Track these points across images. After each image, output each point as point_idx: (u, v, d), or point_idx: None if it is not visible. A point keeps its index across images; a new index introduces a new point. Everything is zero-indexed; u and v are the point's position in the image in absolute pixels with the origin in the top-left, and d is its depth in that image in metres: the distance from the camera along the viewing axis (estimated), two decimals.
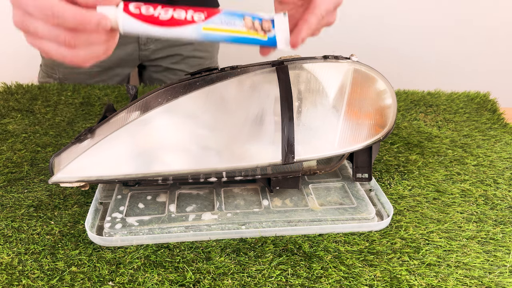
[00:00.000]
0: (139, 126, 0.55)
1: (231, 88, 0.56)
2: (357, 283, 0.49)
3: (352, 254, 0.53)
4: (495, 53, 1.59)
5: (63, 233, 0.56)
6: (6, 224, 0.57)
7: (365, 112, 0.59)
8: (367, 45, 1.57)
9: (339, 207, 0.60)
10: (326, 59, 0.58)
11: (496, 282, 0.49)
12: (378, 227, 0.57)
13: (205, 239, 0.55)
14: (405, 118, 0.89)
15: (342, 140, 0.57)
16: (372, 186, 0.66)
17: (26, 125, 0.82)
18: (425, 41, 1.58)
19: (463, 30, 1.56)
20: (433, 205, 0.62)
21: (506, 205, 0.62)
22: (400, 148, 0.78)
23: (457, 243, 0.55)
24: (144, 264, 0.51)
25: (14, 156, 0.72)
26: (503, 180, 0.68)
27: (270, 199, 0.62)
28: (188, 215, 0.58)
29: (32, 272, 0.50)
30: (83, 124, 0.83)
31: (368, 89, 0.59)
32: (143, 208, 0.60)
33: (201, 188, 0.65)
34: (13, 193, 0.63)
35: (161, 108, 0.55)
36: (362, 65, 0.58)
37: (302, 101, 0.57)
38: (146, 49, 1.02)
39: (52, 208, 0.60)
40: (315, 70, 0.57)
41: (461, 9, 1.52)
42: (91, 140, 0.56)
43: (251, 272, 0.50)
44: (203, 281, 0.49)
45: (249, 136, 0.56)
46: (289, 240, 0.55)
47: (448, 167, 0.72)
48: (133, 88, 0.71)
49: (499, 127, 0.85)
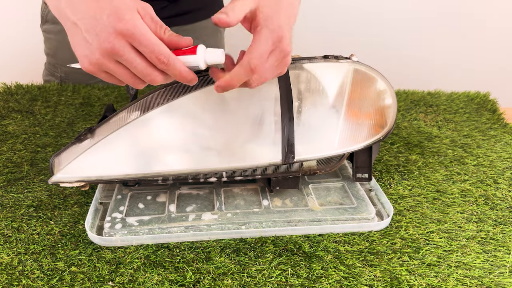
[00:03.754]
0: (139, 126, 0.55)
1: None
2: (357, 283, 0.49)
3: (352, 254, 0.53)
4: (495, 53, 1.59)
5: (63, 233, 0.56)
6: (6, 224, 0.57)
7: (365, 112, 0.59)
8: (367, 45, 1.57)
9: (339, 207, 0.60)
10: (326, 59, 0.58)
11: (496, 282, 0.49)
12: (378, 227, 0.57)
13: (205, 239, 0.55)
14: (405, 118, 0.89)
15: (342, 140, 0.57)
16: (372, 186, 0.66)
17: (26, 126, 0.82)
18: (425, 41, 1.58)
19: (463, 30, 1.56)
20: (433, 205, 0.62)
21: (506, 205, 0.62)
22: (400, 148, 0.77)
23: (457, 243, 0.55)
24: (144, 264, 0.51)
25: (14, 156, 0.72)
26: (503, 180, 0.68)
27: (270, 199, 0.62)
28: (188, 215, 0.58)
29: (32, 272, 0.50)
30: (83, 125, 0.83)
31: (368, 89, 0.59)
32: (143, 208, 0.60)
33: (201, 188, 0.64)
34: (13, 193, 0.63)
35: (161, 108, 0.55)
36: (362, 65, 0.58)
37: (302, 101, 0.57)
38: None
39: (52, 208, 0.60)
40: (315, 70, 0.57)
41: (461, 9, 1.52)
42: (91, 140, 0.56)
43: (251, 272, 0.50)
44: (203, 281, 0.49)
45: (249, 136, 0.56)
46: (289, 240, 0.55)
47: (448, 167, 0.72)
48: (133, 88, 0.71)
49: (499, 127, 0.85)
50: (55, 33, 0.97)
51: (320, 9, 1.51)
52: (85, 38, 0.44)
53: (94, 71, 0.46)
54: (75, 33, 0.45)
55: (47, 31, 0.99)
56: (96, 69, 0.45)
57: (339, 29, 1.55)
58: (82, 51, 0.45)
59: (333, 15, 1.53)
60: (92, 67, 0.45)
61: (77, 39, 0.45)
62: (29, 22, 1.17)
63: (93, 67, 0.45)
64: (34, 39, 1.09)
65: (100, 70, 0.46)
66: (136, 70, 0.45)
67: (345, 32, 1.55)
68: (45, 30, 1.00)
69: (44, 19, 0.99)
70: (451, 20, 1.54)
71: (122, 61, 0.44)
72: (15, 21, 1.46)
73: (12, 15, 1.46)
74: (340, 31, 1.55)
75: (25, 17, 1.28)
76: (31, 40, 1.19)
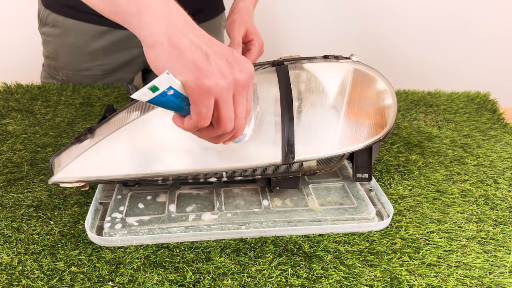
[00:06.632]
0: (139, 126, 0.55)
1: None
2: (357, 283, 0.48)
3: (352, 254, 0.53)
4: (495, 53, 1.59)
5: (63, 233, 0.56)
6: (6, 224, 0.57)
7: (365, 112, 0.58)
8: (367, 45, 1.57)
9: (339, 207, 0.60)
10: (326, 59, 0.58)
11: (496, 282, 0.49)
12: (378, 227, 0.57)
13: (205, 239, 0.55)
14: (405, 118, 0.89)
15: (342, 140, 0.57)
16: (372, 186, 0.66)
17: (26, 126, 0.82)
18: (425, 41, 1.58)
19: (463, 30, 1.56)
20: (433, 205, 0.62)
21: (506, 205, 0.62)
22: (400, 148, 0.77)
23: (457, 243, 0.55)
24: (144, 264, 0.51)
25: (14, 156, 0.72)
26: (503, 180, 0.68)
27: (270, 199, 0.62)
28: (188, 215, 0.58)
29: (32, 272, 0.50)
30: (83, 125, 0.83)
31: (368, 89, 0.58)
32: (143, 208, 0.60)
33: (201, 188, 0.64)
34: (13, 193, 0.63)
35: (161, 108, 0.55)
36: (362, 65, 0.58)
37: (302, 101, 0.57)
38: None
39: (52, 208, 0.60)
40: (315, 70, 0.57)
41: (461, 9, 1.52)
42: (91, 140, 0.56)
43: (251, 272, 0.50)
44: (203, 281, 0.49)
45: (249, 136, 0.55)
46: (289, 240, 0.55)
47: (448, 167, 0.72)
48: (133, 88, 0.71)
49: (499, 127, 0.85)
50: (54, 36, 0.97)
51: (320, 9, 1.51)
52: (215, 61, 0.41)
53: (222, 92, 0.41)
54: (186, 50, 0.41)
55: (46, 34, 0.99)
56: (226, 91, 0.42)
57: (339, 29, 1.55)
58: (210, 69, 0.41)
59: (333, 15, 1.53)
60: (227, 85, 0.41)
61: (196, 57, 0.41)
62: (29, 22, 1.17)
63: (228, 85, 0.41)
64: (35, 39, 1.08)
65: (229, 93, 0.42)
66: (237, 115, 0.44)
67: (345, 32, 1.55)
68: (43, 32, 1.00)
69: (43, 22, 0.98)
70: (451, 20, 1.54)
71: (231, 101, 0.43)
72: (16, 21, 1.46)
73: (12, 15, 1.46)
74: (340, 31, 1.55)
75: (26, 17, 1.28)
76: (32, 40, 1.19)
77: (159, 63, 0.41)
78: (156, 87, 0.39)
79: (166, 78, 0.39)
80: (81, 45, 0.96)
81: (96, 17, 0.94)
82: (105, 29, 0.95)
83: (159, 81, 0.39)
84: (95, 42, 0.96)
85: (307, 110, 0.57)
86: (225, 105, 0.42)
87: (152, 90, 0.40)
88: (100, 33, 0.95)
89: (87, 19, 0.94)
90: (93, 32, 0.95)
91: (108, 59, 1.00)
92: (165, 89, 0.40)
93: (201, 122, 0.42)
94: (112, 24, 0.95)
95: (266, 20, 1.45)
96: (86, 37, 0.96)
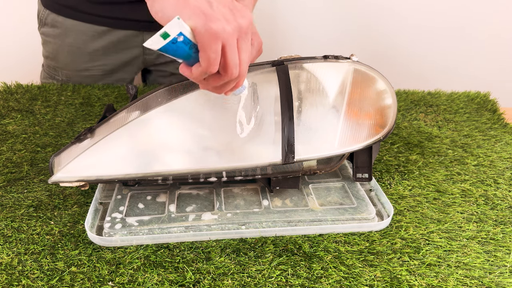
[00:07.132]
0: (139, 126, 0.55)
1: None
2: (357, 283, 0.48)
3: (352, 254, 0.53)
4: (495, 53, 1.59)
5: (63, 233, 0.56)
6: (6, 224, 0.57)
7: (365, 112, 0.58)
8: (367, 45, 1.57)
9: (339, 207, 0.60)
10: (326, 59, 0.58)
11: (496, 282, 0.49)
12: (378, 227, 0.57)
13: (205, 239, 0.55)
14: (405, 118, 0.89)
15: (342, 140, 0.57)
16: (372, 186, 0.66)
17: (26, 126, 0.82)
18: (425, 41, 1.58)
19: (463, 30, 1.56)
20: (433, 205, 0.62)
21: (507, 205, 0.62)
22: (400, 148, 0.77)
23: (457, 243, 0.55)
24: (144, 264, 0.51)
25: (14, 156, 0.72)
26: (503, 180, 0.68)
27: (270, 199, 0.62)
28: (188, 215, 0.58)
29: (32, 272, 0.50)
30: (83, 125, 0.83)
31: (368, 89, 0.58)
32: (143, 208, 0.60)
33: (201, 188, 0.64)
34: (13, 193, 0.63)
35: (161, 108, 0.55)
36: (362, 65, 0.58)
37: (302, 101, 0.57)
38: (151, 53, 1.02)
39: (52, 208, 0.60)
40: (315, 70, 0.57)
41: (461, 9, 1.52)
42: (91, 140, 0.56)
43: (251, 272, 0.50)
44: (203, 281, 0.49)
45: (249, 136, 0.55)
46: (289, 240, 0.55)
47: (448, 167, 0.72)
48: (133, 88, 0.71)
49: (499, 127, 0.85)
50: (54, 37, 0.97)
51: (320, 9, 1.51)
52: (220, 10, 0.43)
53: (228, 37, 0.42)
54: None
55: (46, 34, 0.99)
56: (231, 36, 0.43)
57: (339, 29, 1.55)
58: (215, 15, 0.42)
59: (333, 15, 1.53)
60: (232, 31, 0.43)
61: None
62: (29, 22, 1.17)
63: (233, 30, 0.43)
64: (34, 39, 1.08)
65: (234, 38, 0.43)
66: (241, 60, 0.45)
67: (345, 32, 1.55)
68: (43, 33, 1.00)
69: (42, 22, 0.98)
70: (451, 20, 1.54)
71: (236, 45, 0.44)
72: (15, 21, 1.46)
73: (12, 15, 1.45)
74: (340, 31, 1.55)
75: (25, 17, 1.28)
76: (31, 40, 1.19)
77: (165, 13, 0.43)
78: (167, 33, 0.40)
79: (177, 23, 0.40)
80: (81, 45, 0.96)
81: (95, 17, 0.93)
82: (104, 29, 0.95)
83: (170, 27, 0.40)
84: (95, 42, 0.96)
85: (307, 110, 0.57)
86: (231, 51, 0.43)
87: (163, 37, 0.41)
88: (99, 33, 0.95)
89: (86, 19, 0.94)
90: (93, 32, 0.95)
91: (108, 59, 1.00)
92: (175, 35, 0.41)
93: (210, 68, 0.43)
94: (112, 24, 0.95)
95: (265, 20, 1.45)
96: (85, 37, 0.96)
